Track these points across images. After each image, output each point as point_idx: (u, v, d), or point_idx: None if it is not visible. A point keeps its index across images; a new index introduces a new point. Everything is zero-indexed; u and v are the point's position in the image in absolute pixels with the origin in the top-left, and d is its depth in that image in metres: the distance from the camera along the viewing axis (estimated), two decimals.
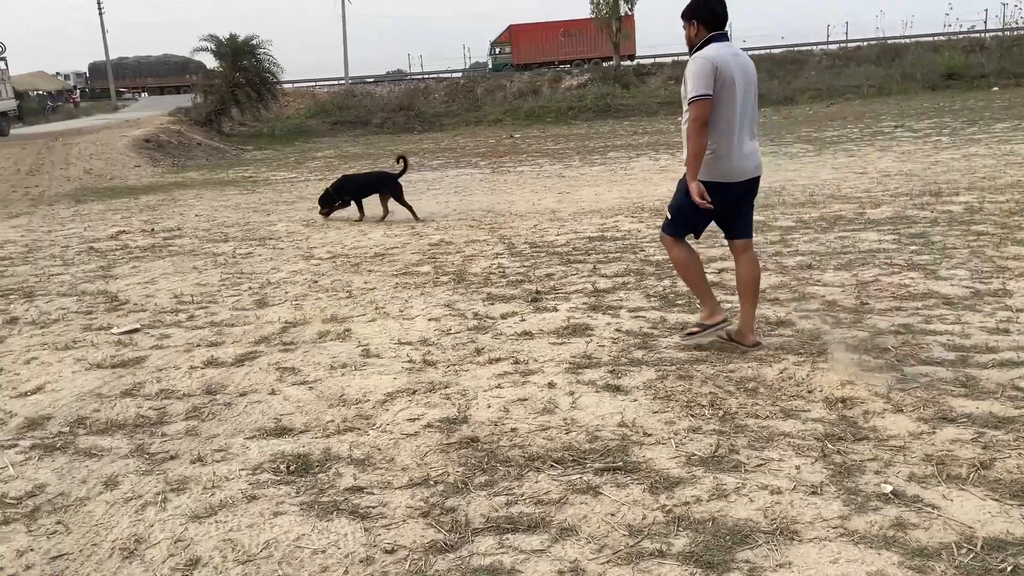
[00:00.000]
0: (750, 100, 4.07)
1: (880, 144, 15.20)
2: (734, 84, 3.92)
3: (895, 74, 31.72)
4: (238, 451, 3.35)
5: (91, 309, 6.09)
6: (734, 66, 3.94)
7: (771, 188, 10.48)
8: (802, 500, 2.67)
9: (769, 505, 2.65)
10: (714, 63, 3.88)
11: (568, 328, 4.79)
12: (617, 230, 8.15)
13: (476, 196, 12.23)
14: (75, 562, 2.60)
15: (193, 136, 27.81)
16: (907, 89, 29.66)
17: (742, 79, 3.97)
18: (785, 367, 3.88)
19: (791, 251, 6.53)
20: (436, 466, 3.10)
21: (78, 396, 4.14)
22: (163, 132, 26.49)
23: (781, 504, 2.65)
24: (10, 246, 9.72)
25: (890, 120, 20.05)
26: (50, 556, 2.64)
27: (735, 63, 3.96)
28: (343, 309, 5.63)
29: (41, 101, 44.37)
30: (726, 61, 3.91)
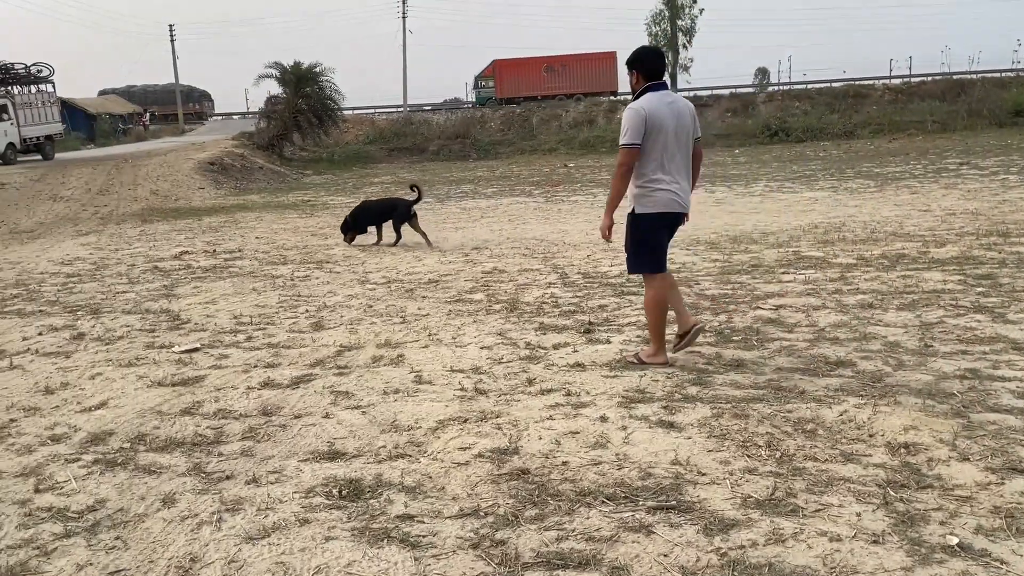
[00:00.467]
0: (682, 142, 4.49)
1: (945, 181, 14.86)
2: (663, 129, 4.39)
3: (960, 110, 31.03)
4: (292, 473, 3.39)
5: (154, 327, 6.26)
6: (667, 113, 4.40)
7: (831, 224, 10.32)
8: (863, 549, 2.58)
9: (828, 552, 2.57)
10: (645, 113, 4.36)
11: (621, 361, 4.75)
12: (672, 262, 8.06)
13: (530, 225, 12.28)
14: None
15: (256, 160, 28.55)
16: (973, 126, 28.99)
17: (674, 124, 4.42)
18: (845, 409, 3.79)
19: (851, 289, 6.39)
20: (486, 497, 3.09)
21: (139, 413, 4.24)
22: (227, 155, 27.24)
23: (841, 552, 2.57)
24: (79, 263, 10.07)
25: (955, 157, 19.59)
26: (108, 571, 2.69)
27: (668, 110, 4.42)
28: (397, 334, 5.68)
29: (112, 123, 46.05)
30: (658, 109, 4.38)
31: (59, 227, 15.05)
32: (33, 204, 18.45)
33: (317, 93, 33.25)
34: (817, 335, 5.11)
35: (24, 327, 6.45)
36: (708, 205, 13.48)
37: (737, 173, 19.97)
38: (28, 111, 28.65)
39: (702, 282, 6.98)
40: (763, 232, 10.01)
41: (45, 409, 4.39)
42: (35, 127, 28.84)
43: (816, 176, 17.73)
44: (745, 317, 5.66)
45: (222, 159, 26.35)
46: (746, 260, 7.97)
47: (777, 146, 29.82)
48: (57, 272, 9.42)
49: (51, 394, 4.66)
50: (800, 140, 30.73)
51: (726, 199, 14.41)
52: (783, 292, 6.42)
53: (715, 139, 32.05)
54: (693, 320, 4.70)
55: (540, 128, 37.85)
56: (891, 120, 31.62)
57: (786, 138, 31.17)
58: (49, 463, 3.62)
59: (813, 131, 31.47)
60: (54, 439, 3.92)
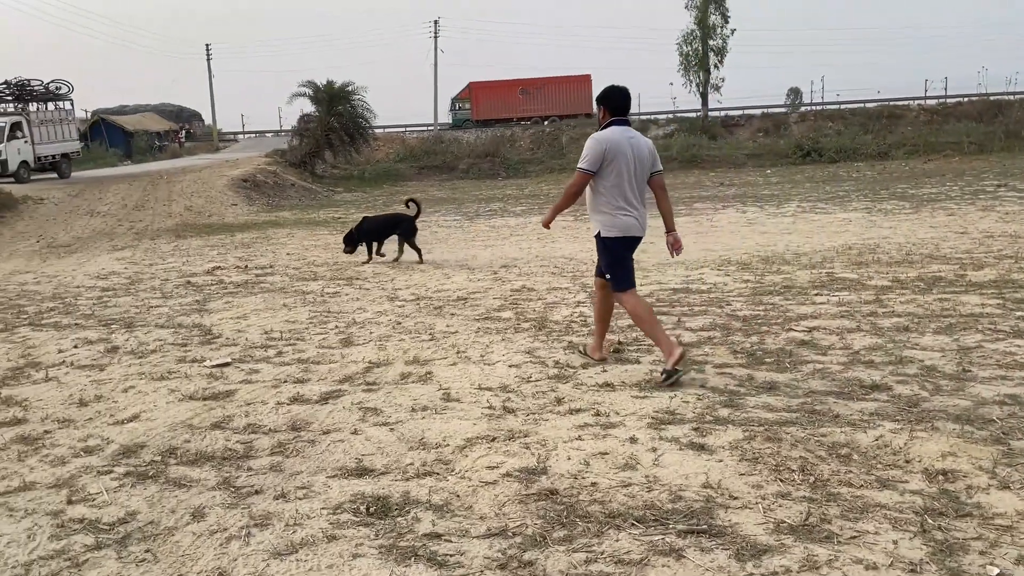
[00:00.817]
0: (640, 173, 4.92)
1: (982, 203, 14.62)
2: (624, 160, 4.83)
3: (998, 131, 30.55)
4: (320, 489, 3.39)
5: (186, 341, 6.33)
6: (626, 146, 4.86)
7: (865, 245, 10.19)
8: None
9: None
10: (606, 145, 4.84)
11: (651, 381, 4.71)
12: (702, 283, 8.02)
13: (558, 243, 12.27)
14: None
15: (288, 177, 28.90)
16: (1011, 147, 28.53)
17: (632, 156, 4.87)
18: (881, 434, 3.71)
19: (887, 312, 6.29)
20: (514, 517, 3.07)
21: (171, 426, 4.28)
22: (260, 172, 27.61)
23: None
24: (114, 277, 10.23)
25: (992, 178, 19.29)
26: None
27: (628, 144, 4.87)
28: (425, 351, 5.69)
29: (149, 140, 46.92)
30: (618, 142, 4.85)
31: (95, 242, 15.33)
32: (71, 219, 18.82)
33: (349, 111, 33.62)
34: (852, 358, 5.03)
35: (60, 340, 6.55)
36: (740, 225, 13.38)
37: (769, 193, 19.82)
38: (44, 128, 28.01)
39: (733, 303, 6.91)
40: (796, 253, 9.90)
41: (79, 421, 4.45)
42: (51, 145, 28.16)
43: (850, 197, 17.54)
44: (777, 339, 5.59)
45: (255, 176, 26.71)
46: (778, 281, 7.88)
47: (810, 166, 29.57)
48: (93, 286, 9.58)
49: (85, 406, 4.72)
50: (833, 160, 30.44)
51: (758, 219, 14.29)
52: (816, 314, 6.33)
53: (746, 159, 31.92)
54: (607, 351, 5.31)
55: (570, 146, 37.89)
56: (926, 141, 31.23)
57: (819, 158, 30.89)
58: (82, 475, 3.66)
59: (846, 151, 31.16)
60: (87, 451, 3.97)
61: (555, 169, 33.42)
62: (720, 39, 38.61)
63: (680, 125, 38.34)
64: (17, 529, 3.13)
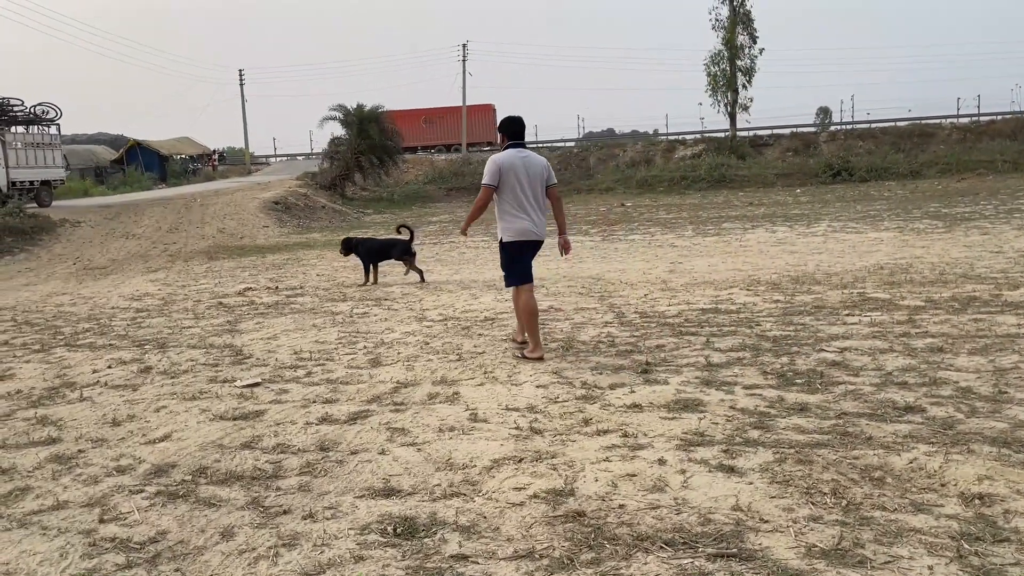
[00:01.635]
0: (535, 186, 5.93)
1: (1017, 222, 14.38)
2: (518, 176, 5.85)
3: None
4: (348, 510, 3.40)
5: (217, 362, 6.40)
6: (519, 164, 5.87)
7: (897, 265, 10.06)
8: None
9: None
10: (500, 164, 5.85)
11: (679, 403, 4.67)
12: (732, 303, 7.96)
13: (586, 264, 12.26)
14: None
15: (318, 199, 29.26)
16: None
17: (525, 173, 5.88)
18: (915, 457, 3.64)
19: (920, 332, 6.19)
20: (542, 539, 3.05)
21: (201, 446, 4.32)
22: (291, 195, 27.99)
23: None
24: (148, 299, 10.40)
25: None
26: None
27: (521, 163, 5.88)
28: (453, 372, 5.70)
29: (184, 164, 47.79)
30: (512, 161, 5.86)
31: (130, 264, 15.60)
32: (107, 242, 19.19)
33: (379, 134, 34.04)
34: (884, 379, 4.95)
35: (95, 360, 6.66)
36: (769, 245, 13.28)
37: (799, 213, 19.66)
38: (24, 153, 26.39)
39: (763, 323, 6.85)
40: (826, 273, 9.80)
41: (112, 440, 4.51)
42: (30, 170, 26.46)
43: (881, 216, 17.35)
44: (808, 360, 5.52)
45: (286, 198, 27.08)
46: (809, 301, 7.80)
47: (840, 186, 29.32)
48: (127, 307, 9.74)
49: (118, 426, 4.78)
50: (864, 180, 30.17)
51: (787, 239, 14.18)
52: (848, 334, 6.25)
53: (775, 179, 31.73)
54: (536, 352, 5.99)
55: (597, 167, 38.01)
56: (959, 159, 30.86)
57: (849, 178, 30.64)
58: (114, 494, 3.70)
59: (877, 171, 30.88)
60: (119, 470, 4.02)
61: (582, 190, 33.49)
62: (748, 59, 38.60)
63: (708, 145, 38.29)
64: (50, 547, 3.17)
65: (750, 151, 37.16)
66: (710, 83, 38.99)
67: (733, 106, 38.93)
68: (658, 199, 28.55)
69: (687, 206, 24.47)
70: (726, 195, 28.54)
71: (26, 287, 12.85)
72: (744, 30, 38.34)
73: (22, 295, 11.65)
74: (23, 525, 3.40)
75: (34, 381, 6.00)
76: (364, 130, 33.66)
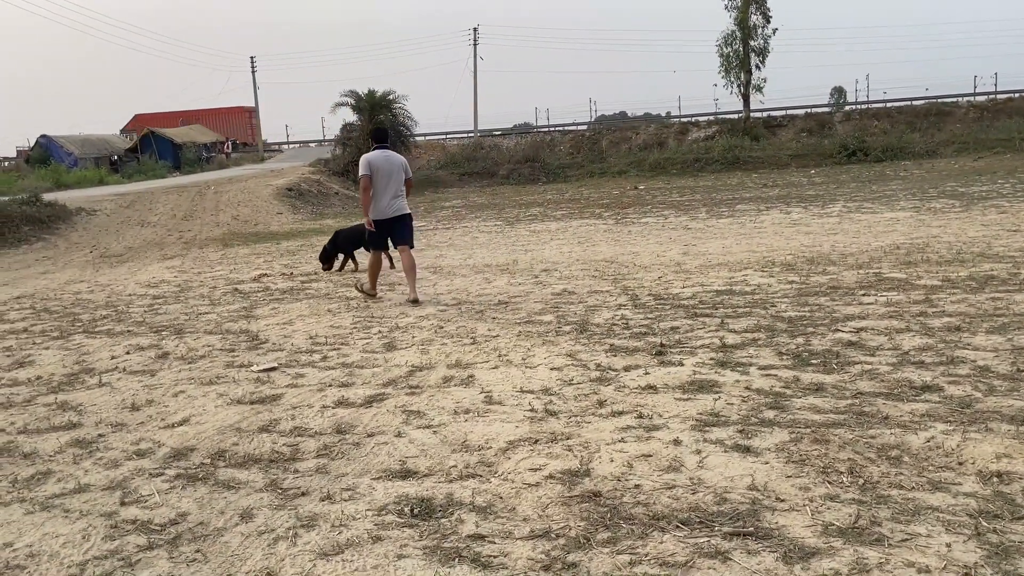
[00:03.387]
0: (393, 177, 8.14)
1: None
2: (380, 170, 8.08)
3: None
4: (365, 491, 3.42)
5: (234, 347, 6.45)
6: (382, 161, 8.12)
7: (914, 245, 9.97)
8: None
9: None
10: (369, 160, 8.10)
11: (694, 384, 4.66)
12: (746, 284, 7.93)
13: (599, 247, 12.23)
14: None
15: (331, 185, 29.30)
16: None
17: (387, 168, 8.11)
18: (932, 435, 3.63)
19: (937, 311, 6.15)
20: (557, 519, 3.06)
21: (219, 429, 4.36)
22: (304, 182, 28.04)
23: None
24: (164, 286, 10.47)
25: None
26: None
27: (383, 159, 8.13)
28: (467, 355, 5.71)
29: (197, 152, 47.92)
30: (377, 159, 8.11)
31: (146, 251, 15.71)
32: (123, 230, 19.32)
33: (390, 120, 34.01)
34: (901, 359, 4.93)
35: (113, 346, 6.72)
36: (784, 226, 13.20)
37: (813, 194, 19.52)
38: None
39: (778, 304, 6.82)
40: (842, 253, 9.73)
41: (131, 425, 4.56)
42: None
43: (897, 196, 17.20)
44: (824, 340, 5.50)
45: (299, 185, 27.13)
46: (824, 282, 7.75)
47: (855, 166, 29.06)
48: (144, 294, 9.81)
49: (137, 411, 4.83)
50: (879, 160, 29.88)
51: (802, 220, 14.08)
52: (864, 314, 6.22)
53: (790, 159, 31.50)
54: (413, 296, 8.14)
55: (610, 151, 37.83)
56: (976, 138, 30.51)
57: (864, 158, 30.35)
58: (134, 477, 3.75)
59: (893, 150, 30.56)
60: (139, 454, 4.06)
61: (595, 173, 33.37)
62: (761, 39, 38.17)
63: (722, 127, 38.00)
64: (72, 530, 3.22)
65: (764, 132, 36.85)
66: (723, 64, 38.59)
67: (746, 87, 38.54)
68: (671, 182, 28.41)
69: (701, 188, 24.33)
70: (740, 177, 28.35)
71: (44, 275, 12.96)
72: (757, 10, 37.87)
73: (40, 283, 11.76)
74: (46, 508, 3.45)
75: (54, 367, 6.07)
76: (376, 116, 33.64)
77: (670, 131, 39.44)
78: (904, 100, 40.26)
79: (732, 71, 38.45)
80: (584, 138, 40.31)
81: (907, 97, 40.87)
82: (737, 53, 38.15)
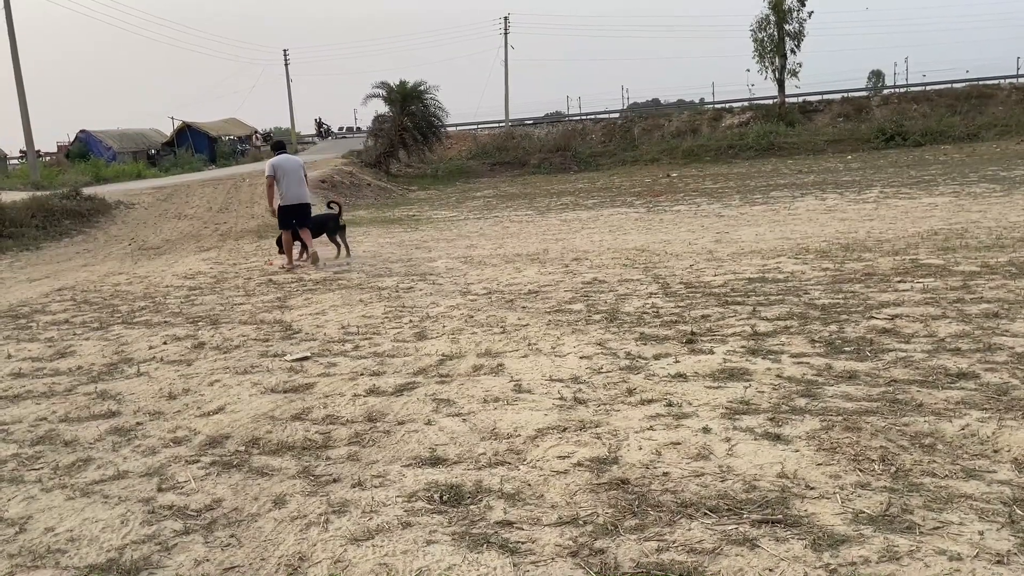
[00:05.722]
0: (297, 175, 10.86)
1: None
2: (285, 170, 10.75)
3: None
4: (395, 478, 3.46)
5: (268, 337, 6.54)
6: (285, 162, 10.83)
7: (952, 230, 9.79)
8: (985, 569, 2.43)
9: (947, 572, 2.43)
10: (272, 164, 10.79)
11: (724, 372, 4.64)
12: (779, 272, 7.85)
13: (630, 235, 12.18)
14: (245, 574, 2.76)
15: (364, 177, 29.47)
16: None
17: (290, 167, 10.84)
18: (967, 423, 3.57)
19: (975, 298, 6.03)
20: (585, 506, 3.07)
21: (253, 418, 4.44)
22: (337, 173, 28.23)
23: (961, 572, 2.42)
24: (200, 277, 10.64)
25: None
26: (223, 568, 2.82)
27: (286, 161, 10.89)
28: (497, 344, 5.73)
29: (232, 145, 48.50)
30: (280, 161, 10.81)
31: (183, 243, 15.96)
32: (160, 222, 19.64)
33: (422, 111, 34.11)
34: (936, 346, 4.85)
35: (151, 337, 6.86)
36: (818, 213, 13.02)
37: (849, 179, 19.21)
38: None
39: (811, 291, 6.74)
40: (877, 239, 9.58)
41: (168, 413, 4.66)
42: None
43: (936, 181, 16.87)
44: (858, 327, 5.43)
45: (332, 177, 27.32)
46: (859, 268, 7.65)
47: (893, 151, 28.53)
48: (180, 285, 9.98)
49: (173, 399, 4.93)
50: (918, 144, 29.31)
51: (837, 206, 13.88)
52: (899, 301, 6.12)
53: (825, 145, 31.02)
54: (312, 254, 10.85)
55: (642, 138, 37.56)
56: (1019, 121, 29.80)
57: (903, 143, 29.79)
58: (171, 464, 3.83)
59: (932, 134, 29.97)
60: (176, 441, 4.15)
61: (627, 161, 33.17)
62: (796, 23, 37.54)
63: (756, 113, 37.51)
64: (112, 515, 3.30)
65: (799, 118, 36.31)
66: (757, 49, 38.05)
67: (781, 72, 37.94)
68: (704, 169, 28.15)
69: (734, 175, 24.07)
70: (774, 163, 27.99)
71: (84, 267, 13.24)
72: None
73: (81, 275, 12.01)
74: (86, 494, 3.54)
75: (94, 357, 6.21)
76: (407, 106, 33.74)
77: (703, 118, 39.03)
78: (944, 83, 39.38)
79: (766, 56, 37.90)
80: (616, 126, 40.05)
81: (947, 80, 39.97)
82: (772, 37, 37.58)
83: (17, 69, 29.88)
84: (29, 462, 3.99)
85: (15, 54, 29.68)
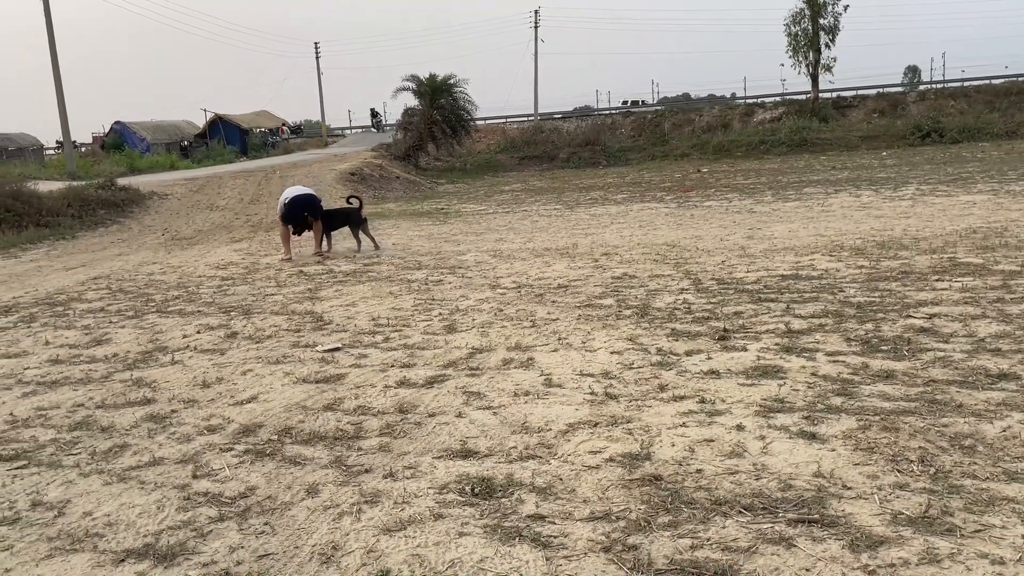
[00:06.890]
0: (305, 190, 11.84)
1: None
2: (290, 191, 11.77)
3: None
4: (426, 470, 3.47)
5: (299, 327, 6.59)
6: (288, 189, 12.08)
7: (991, 228, 9.60)
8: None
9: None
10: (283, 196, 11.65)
11: (758, 369, 4.59)
12: (813, 268, 7.75)
13: (661, 230, 12.09)
14: (279, 562, 2.78)
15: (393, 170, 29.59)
16: None
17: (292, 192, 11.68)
18: (1009, 425, 3.50)
19: (1015, 298, 5.91)
20: (618, 501, 3.05)
21: (286, 407, 4.47)
22: (366, 166, 28.37)
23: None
24: (233, 268, 10.74)
25: None
26: (257, 555, 2.84)
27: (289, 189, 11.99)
28: (527, 338, 5.72)
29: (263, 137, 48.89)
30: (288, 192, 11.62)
31: (215, 234, 16.12)
32: (192, 213, 19.86)
33: (451, 104, 34.15)
34: (976, 346, 4.76)
35: (184, 326, 6.94)
36: (853, 210, 12.84)
37: (884, 176, 18.93)
38: None
39: (847, 289, 6.64)
40: (914, 237, 9.42)
41: (202, 401, 4.70)
42: None
43: (974, 178, 16.56)
44: (895, 326, 5.34)
45: (361, 170, 27.46)
46: (895, 267, 7.53)
47: (929, 148, 28.06)
48: (213, 276, 10.09)
49: (207, 388, 4.98)
50: (955, 141, 28.81)
51: (872, 203, 13.68)
52: (937, 300, 6.02)
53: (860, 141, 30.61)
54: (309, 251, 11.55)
55: (672, 133, 37.31)
56: None
57: (939, 139, 29.30)
58: (205, 451, 3.87)
59: (970, 131, 29.44)
60: (210, 429, 4.19)
61: (656, 156, 32.97)
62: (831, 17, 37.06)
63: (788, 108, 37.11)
64: (148, 501, 3.34)
65: (833, 113, 35.85)
66: (791, 43, 37.63)
67: (815, 67, 37.50)
68: (736, 164, 27.87)
69: (766, 171, 23.81)
70: (807, 159, 27.65)
71: (119, 257, 13.43)
72: None
73: (116, 264, 12.18)
74: (122, 480, 3.59)
75: (129, 345, 6.29)
76: (436, 100, 33.79)
77: (735, 113, 38.67)
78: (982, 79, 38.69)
79: (800, 50, 37.48)
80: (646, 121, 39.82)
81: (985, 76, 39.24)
82: (806, 32, 37.14)
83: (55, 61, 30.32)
84: (67, 447, 4.05)
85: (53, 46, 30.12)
